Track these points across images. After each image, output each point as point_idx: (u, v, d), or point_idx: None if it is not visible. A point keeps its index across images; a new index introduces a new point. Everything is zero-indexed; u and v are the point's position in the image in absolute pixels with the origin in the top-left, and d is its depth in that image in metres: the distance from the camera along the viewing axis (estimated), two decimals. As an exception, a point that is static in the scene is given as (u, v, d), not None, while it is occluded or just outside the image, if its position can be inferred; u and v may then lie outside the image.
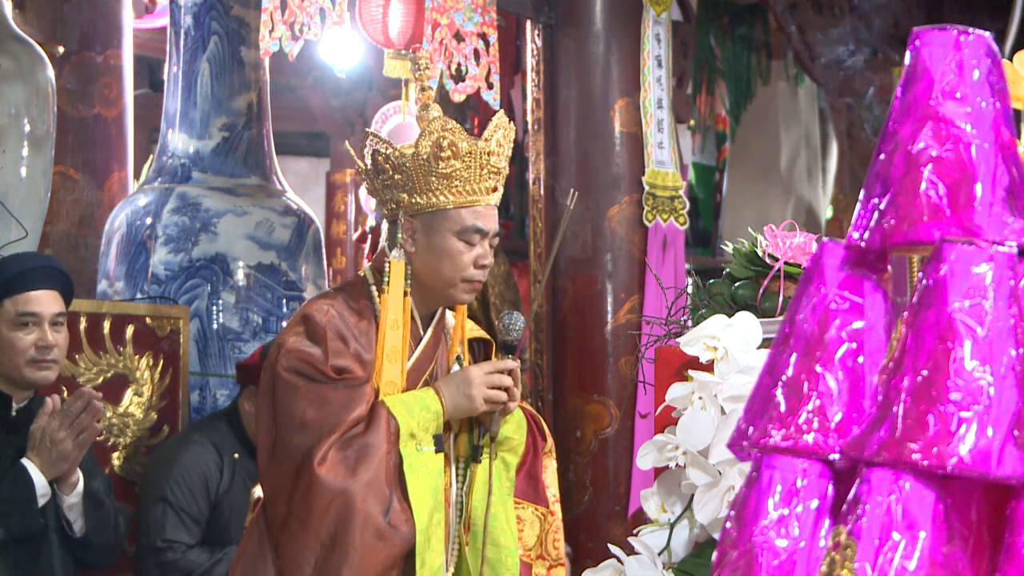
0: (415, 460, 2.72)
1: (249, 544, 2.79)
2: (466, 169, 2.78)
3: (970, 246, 1.41)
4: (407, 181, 2.78)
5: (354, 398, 2.70)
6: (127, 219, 4.51)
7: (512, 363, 2.83)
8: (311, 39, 4.36)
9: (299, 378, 2.71)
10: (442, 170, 2.76)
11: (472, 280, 2.83)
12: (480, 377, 2.80)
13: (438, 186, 2.78)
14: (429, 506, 2.71)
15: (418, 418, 2.74)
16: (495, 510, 2.86)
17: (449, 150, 2.75)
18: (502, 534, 2.87)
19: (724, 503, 2.48)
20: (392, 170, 2.79)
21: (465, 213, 2.79)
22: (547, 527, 2.99)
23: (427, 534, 2.70)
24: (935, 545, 1.35)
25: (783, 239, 2.88)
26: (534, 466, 2.99)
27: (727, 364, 2.59)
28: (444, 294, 2.85)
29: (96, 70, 4.85)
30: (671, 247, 5.24)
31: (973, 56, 1.48)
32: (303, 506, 2.65)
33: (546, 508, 3.00)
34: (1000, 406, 1.35)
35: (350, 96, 9.08)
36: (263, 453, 2.76)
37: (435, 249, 2.80)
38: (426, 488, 2.72)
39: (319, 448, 2.65)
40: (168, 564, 3.67)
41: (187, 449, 3.81)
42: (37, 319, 3.25)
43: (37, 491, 3.10)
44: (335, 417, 2.67)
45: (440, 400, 2.78)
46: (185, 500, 3.72)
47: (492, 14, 4.81)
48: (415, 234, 2.81)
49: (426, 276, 2.83)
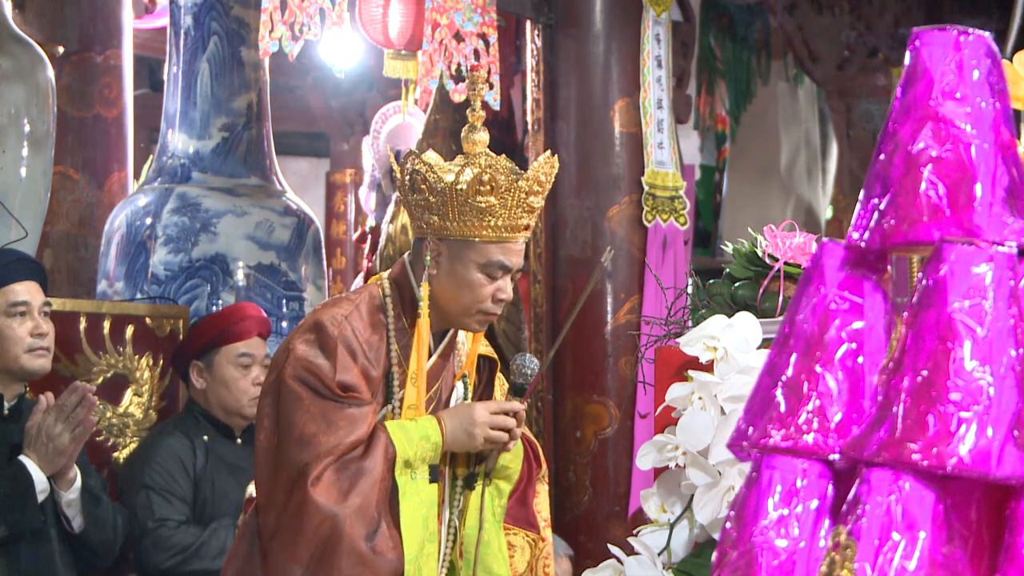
0: (408, 488, 2.72)
1: (241, 545, 2.80)
2: (502, 206, 2.74)
3: (970, 246, 1.41)
4: (442, 206, 2.75)
5: (356, 420, 2.69)
6: (127, 219, 4.51)
7: (519, 406, 2.81)
8: (311, 39, 4.36)
9: (304, 389, 2.70)
10: (478, 204, 2.73)
11: (488, 312, 2.81)
12: (484, 417, 2.78)
13: (472, 219, 2.75)
14: (420, 536, 2.71)
15: (416, 447, 2.73)
16: (487, 537, 2.86)
17: (489, 185, 2.72)
18: (495, 561, 2.87)
19: (724, 503, 2.48)
20: (428, 192, 2.76)
21: (494, 248, 2.76)
22: (537, 552, 2.99)
23: (417, 564, 2.70)
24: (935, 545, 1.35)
25: (783, 239, 2.88)
26: (526, 492, 2.99)
27: (727, 364, 2.59)
28: (457, 321, 2.84)
29: (96, 70, 4.85)
30: (671, 247, 5.24)
31: (973, 56, 1.49)
32: (294, 523, 2.66)
33: (536, 534, 2.99)
34: (1000, 406, 1.35)
35: (350, 96, 9.08)
36: (262, 454, 2.75)
37: (457, 277, 2.78)
38: (417, 518, 2.72)
39: (315, 467, 2.64)
40: (164, 541, 3.68)
41: (159, 441, 3.84)
42: (28, 308, 3.29)
43: (36, 487, 3.11)
44: (335, 438, 2.66)
45: (441, 431, 2.77)
46: (166, 482, 3.74)
47: (492, 14, 4.81)
48: (440, 257, 2.78)
49: (443, 301, 2.81)
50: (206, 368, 3.88)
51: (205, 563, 3.69)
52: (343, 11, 4.39)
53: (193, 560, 3.69)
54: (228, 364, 3.83)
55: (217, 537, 3.70)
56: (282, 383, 2.73)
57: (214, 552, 3.68)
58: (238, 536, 2.84)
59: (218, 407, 3.87)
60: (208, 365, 3.87)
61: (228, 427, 3.88)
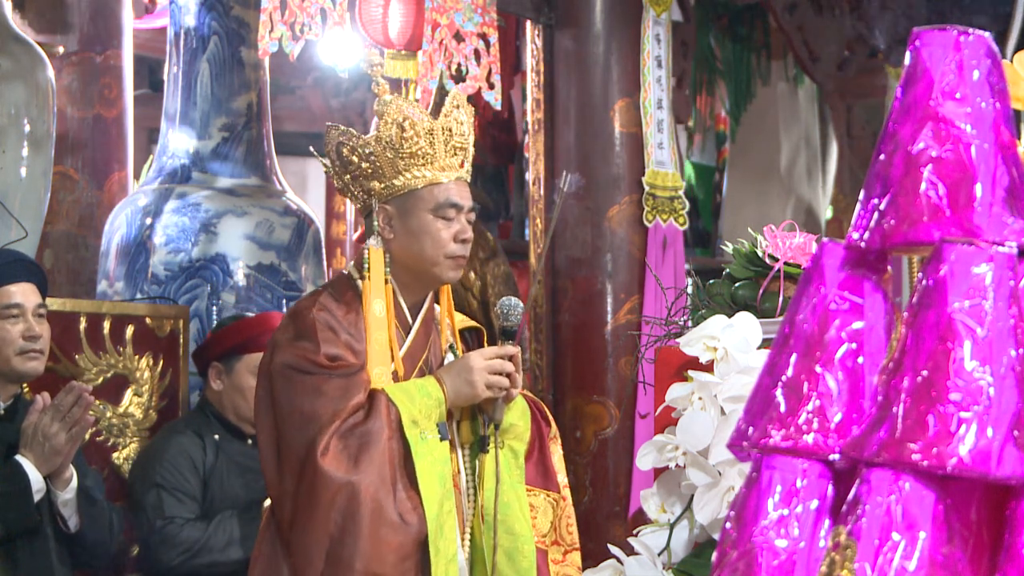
0: (421, 449, 2.72)
1: (263, 548, 2.81)
2: (430, 146, 2.81)
3: (970, 246, 1.41)
4: (375, 168, 2.82)
5: (350, 386, 2.72)
6: (127, 219, 4.51)
7: (513, 348, 2.84)
8: (311, 39, 4.36)
9: (294, 372, 2.73)
10: (407, 149, 2.80)
11: (455, 256, 2.85)
12: (481, 363, 2.80)
13: (406, 166, 2.81)
14: (439, 494, 2.72)
15: (419, 405, 2.74)
16: (507, 498, 2.86)
17: (411, 129, 2.79)
18: (516, 522, 2.87)
19: (724, 503, 2.48)
20: (359, 159, 2.82)
21: (437, 190, 2.82)
22: (560, 512, 2.99)
23: (438, 522, 2.70)
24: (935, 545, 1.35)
25: (783, 239, 2.88)
26: (543, 453, 3.00)
27: (727, 364, 2.59)
28: (429, 274, 2.86)
29: (96, 70, 4.85)
30: (671, 247, 5.24)
31: (973, 56, 1.49)
32: (309, 500, 2.66)
33: (558, 493, 3.00)
34: (1000, 406, 1.35)
35: (350, 96, 9.08)
36: (267, 457, 2.77)
37: (413, 230, 2.82)
38: (434, 476, 2.72)
39: (321, 439, 2.66)
40: (171, 539, 3.69)
41: (169, 439, 3.84)
42: (21, 310, 3.29)
43: (32, 486, 3.11)
44: (333, 406, 2.68)
45: (441, 387, 2.79)
46: (176, 480, 3.75)
47: (492, 14, 4.81)
48: (391, 220, 2.83)
49: (409, 260, 2.85)
50: (225, 372, 3.89)
51: (214, 555, 3.70)
52: (343, 11, 4.39)
53: (202, 554, 3.70)
54: (248, 373, 3.83)
55: (223, 528, 3.72)
56: (272, 376, 2.76)
57: (221, 544, 3.70)
58: (258, 542, 2.85)
59: (232, 411, 3.88)
60: (228, 369, 3.88)
61: (239, 429, 3.89)
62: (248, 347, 3.87)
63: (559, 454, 3.06)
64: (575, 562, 3.00)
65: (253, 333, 3.90)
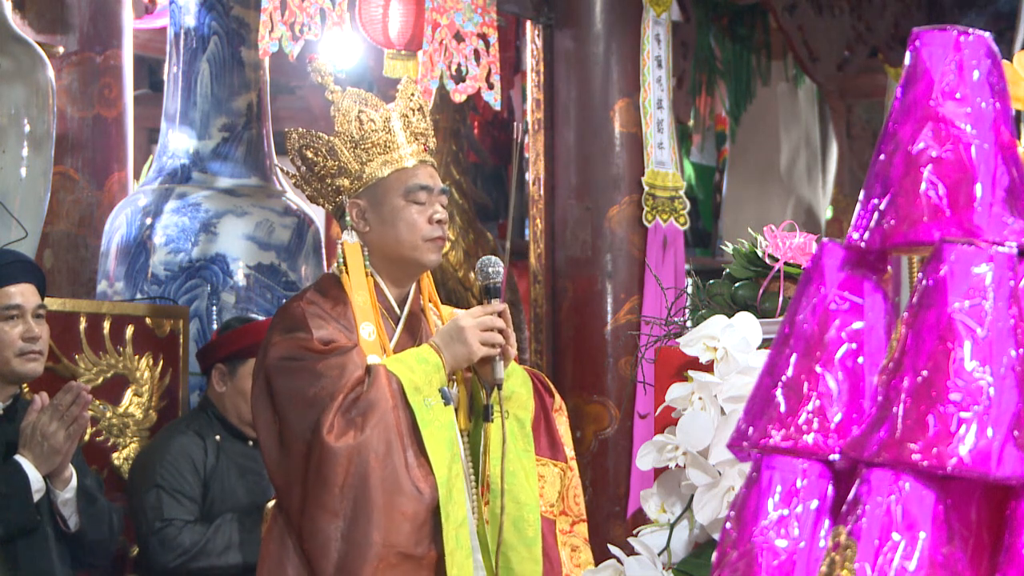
0: (426, 416, 2.73)
1: (270, 546, 2.81)
2: (389, 133, 2.84)
3: (970, 246, 1.41)
4: (340, 164, 2.84)
5: (347, 363, 2.73)
6: (127, 219, 4.51)
7: (499, 305, 2.85)
8: (311, 39, 4.36)
9: (291, 362, 2.75)
10: (368, 139, 2.83)
11: (432, 237, 2.87)
12: (471, 322, 2.82)
13: (369, 157, 2.84)
14: (447, 459, 2.73)
15: (418, 372, 2.76)
16: (513, 467, 2.86)
17: (369, 121, 2.83)
18: (522, 490, 2.87)
19: (724, 503, 2.48)
20: (323, 158, 2.85)
21: (404, 176, 2.85)
22: (567, 482, 3.00)
23: (448, 487, 2.71)
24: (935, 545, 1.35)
25: (783, 239, 2.88)
26: (549, 423, 3.00)
27: (727, 365, 2.59)
28: (410, 260, 2.88)
29: (96, 70, 4.85)
30: (671, 247, 5.24)
31: (973, 57, 1.48)
32: (319, 479, 2.66)
33: (565, 463, 3.00)
34: (1000, 406, 1.35)
35: (350, 96, 9.07)
36: (268, 450, 2.77)
37: (387, 219, 2.85)
38: (442, 441, 2.74)
39: (325, 419, 2.67)
40: (170, 541, 3.68)
41: (170, 439, 3.84)
42: (20, 311, 3.28)
43: (32, 486, 3.12)
44: (333, 386, 2.70)
45: (438, 353, 2.80)
46: (176, 481, 3.74)
47: (492, 14, 4.81)
48: (365, 213, 2.86)
49: (387, 249, 2.87)
50: (229, 375, 3.88)
51: (212, 560, 3.69)
52: (343, 11, 4.39)
53: (199, 558, 3.69)
54: (251, 377, 3.84)
55: (222, 533, 3.71)
56: (269, 370, 2.78)
57: (219, 548, 3.69)
58: (264, 543, 2.85)
59: (233, 414, 3.87)
60: (232, 372, 3.88)
61: (240, 431, 3.88)
62: (253, 351, 3.86)
63: (566, 425, 3.07)
64: (582, 533, 3.00)
65: (259, 337, 3.89)
